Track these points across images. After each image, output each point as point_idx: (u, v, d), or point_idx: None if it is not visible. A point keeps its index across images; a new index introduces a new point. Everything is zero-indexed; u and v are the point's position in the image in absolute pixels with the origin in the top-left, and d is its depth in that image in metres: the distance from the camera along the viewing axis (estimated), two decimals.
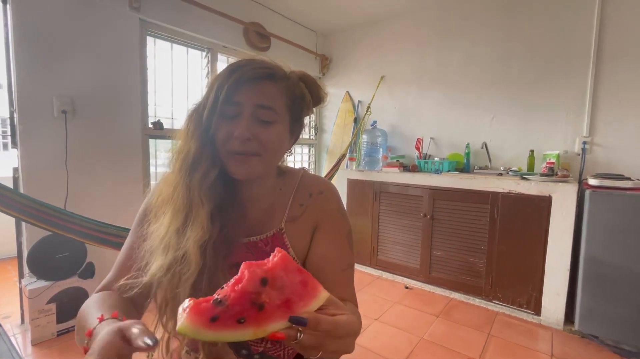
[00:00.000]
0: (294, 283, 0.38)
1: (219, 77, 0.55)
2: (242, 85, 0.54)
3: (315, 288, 0.39)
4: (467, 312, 2.09)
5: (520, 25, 2.38)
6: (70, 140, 1.76)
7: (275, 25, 2.88)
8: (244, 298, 0.36)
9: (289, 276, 0.38)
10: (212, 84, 0.56)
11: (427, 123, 2.84)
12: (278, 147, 0.59)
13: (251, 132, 0.54)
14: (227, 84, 0.53)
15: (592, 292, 1.74)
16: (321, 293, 0.39)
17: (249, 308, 0.35)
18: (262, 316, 0.35)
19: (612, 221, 1.68)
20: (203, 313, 0.33)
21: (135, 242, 0.61)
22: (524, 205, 1.97)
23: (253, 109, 0.54)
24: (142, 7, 2.00)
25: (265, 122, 0.55)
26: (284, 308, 0.37)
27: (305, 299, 0.38)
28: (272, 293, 0.37)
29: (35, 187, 1.67)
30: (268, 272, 0.37)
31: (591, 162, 2.15)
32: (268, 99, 0.55)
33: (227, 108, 0.54)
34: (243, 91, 0.54)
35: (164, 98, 2.34)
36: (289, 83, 0.60)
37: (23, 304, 1.75)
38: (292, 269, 0.39)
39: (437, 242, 2.33)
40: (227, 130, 0.54)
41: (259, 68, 0.56)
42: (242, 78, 0.54)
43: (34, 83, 1.66)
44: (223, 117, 0.55)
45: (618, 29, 2.05)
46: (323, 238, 0.65)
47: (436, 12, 2.75)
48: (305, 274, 0.40)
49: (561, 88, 2.24)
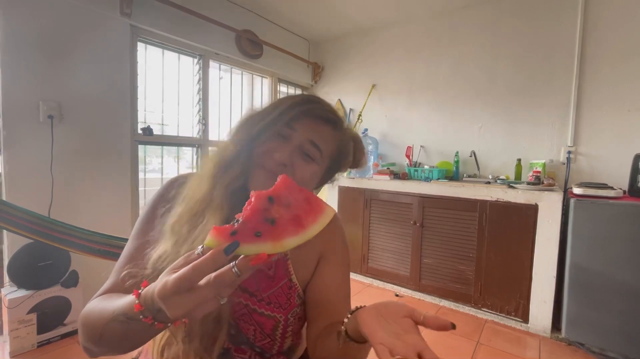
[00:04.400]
0: (299, 200, 0.42)
1: (290, 100, 0.58)
2: (308, 117, 0.57)
3: (319, 204, 0.43)
4: (456, 320, 2.09)
5: (505, 37, 2.44)
6: (56, 145, 1.73)
7: (267, 33, 2.90)
8: (256, 215, 0.39)
9: (293, 194, 0.42)
10: (280, 102, 0.58)
11: (417, 131, 2.88)
12: (305, 184, 0.59)
13: (290, 160, 0.56)
14: (296, 110, 0.56)
15: (578, 300, 1.77)
16: (327, 208, 0.43)
17: (263, 223, 0.39)
18: (276, 231, 0.39)
19: (596, 229, 1.72)
20: (224, 229, 0.37)
21: (139, 246, 0.58)
22: (512, 213, 2.00)
23: (304, 142, 0.57)
24: (134, 13, 2.00)
25: (308, 158, 0.58)
26: (295, 222, 0.41)
27: (312, 215, 0.42)
28: (281, 209, 0.41)
29: (19, 194, 1.63)
30: (273, 192, 0.42)
31: (576, 171, 2.20)
32: (321, 141, 0.58)
33: (283, 129, 0.56)
34: (305, 122, 0.57)
35: (154, 105, 2.32)
36: (342, 137, 0.63)
37: (2, 315, 1.70)
38: (294, 188, 0.43)
39: (427, 250, 2.34)
40: (270, 147, 0.56)
41: (329, 112, 0.59)
42: (312, 112, 0.57)
43: (20, 88, 1.63)
44: (275, 134, 0.57)
45: (599, 42, 2.12)
46: (329, 269, 0.66)
47: (425, 24, 2.81)
48: (306, 192, 0.43)
49: (546, 99, 2.30)
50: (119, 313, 0.43)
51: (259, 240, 0.38)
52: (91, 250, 1.56)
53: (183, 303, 0.35)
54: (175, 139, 2.42)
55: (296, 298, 0.64)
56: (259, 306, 0.61)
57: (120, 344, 0.46)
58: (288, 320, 0.63)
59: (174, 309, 0.35)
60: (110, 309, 0.45)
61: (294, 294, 0.64)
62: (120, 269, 0.57)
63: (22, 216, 1.45)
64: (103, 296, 0.53)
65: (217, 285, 0.34)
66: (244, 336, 0.61)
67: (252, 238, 0.38)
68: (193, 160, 2.60)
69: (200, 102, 2.54)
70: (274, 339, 0.62)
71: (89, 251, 1.56)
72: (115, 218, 2.01)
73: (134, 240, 0.60)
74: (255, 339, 0.61)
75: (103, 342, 0.46)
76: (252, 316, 0.60)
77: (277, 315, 0.61)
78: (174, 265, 0.38)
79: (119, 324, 0.43)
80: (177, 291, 0.34)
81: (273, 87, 3.19)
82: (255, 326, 0.61)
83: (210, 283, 0.34)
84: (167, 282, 0.35)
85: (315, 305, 0.65)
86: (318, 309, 0.64)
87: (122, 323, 0.43)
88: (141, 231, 0.60)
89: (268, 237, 0.38)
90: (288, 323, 0.63)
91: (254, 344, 0.62)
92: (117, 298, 0.48)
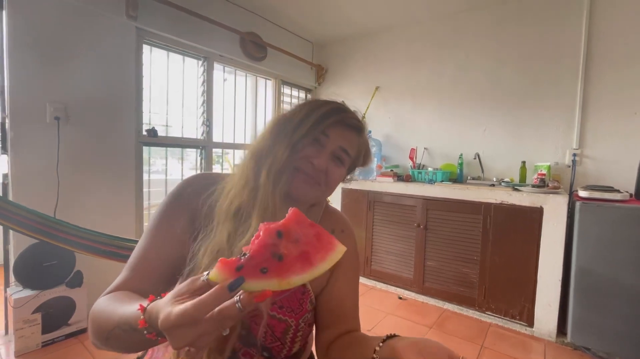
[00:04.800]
0: (309, 235, 0.41)
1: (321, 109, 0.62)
2: (340, 126, 0.63)
3: (330, 241, 0.42)
4: (460, 323, 2.08)
5: (510, 40, 2.43)
6: (62, 146, 1.75)
7: (271, 35, 2.91)
8: (264, 250, 0.38)
9: (303, 230, 0.41)
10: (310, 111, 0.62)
11: (421, 133, 2.87)
12: (334, 186, 0.66)
13: (327, 165, 0.61)
14: (330, 119, 0.61)
15: (583, 304, 1.75)
16: (338, 246, 0.42)
17: (270, 259, 0.38)
18: (282, 267, 0.38)
19: (602, 233, 1.70)
20: (230, 263, 0.36)
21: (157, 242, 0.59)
22: (516, 215, 1.99)
23: (336, 148, 0.63)
24: (140, 16, 2.02)
25: (339, 162, 0.64)
26: (303, 259, 0.39)
27: (322, 252, 0.41)
28: (289, 245, 0.40)
29: (25, 194, 1.65)
30: (282, 226, 0.41)
31: (581, 174, 2.19)
32: (350, 147, 0.65)
33: (321, 137, 0.61)
34: (337, 130, 0.63)
35: (159, 106, 2.34)
36: (362, 141, 0.69)
37: (7, 314, 1.71)
38: (305, 223, 0.42)
39: (430, 252, 2.33)
40: (309, 153, 0.61)
41: (356, 121, 0.66)
42: (342, 121, 0.63)
43: (27, 90, 1.65)
44: (312, 140, 0.61)
45: (605, 45, 2.11)
46: (342, 277, 0.69)
47: (429, 26, 2.81)
48: (317, 227, 0.42)
49: (551, 101, 2.29)
50: (124, 322, 0.44)
51: (265, 277, 0.37)
52: (95, 250, 1.57)
53: (185, 336, 0.35)
54: (180, 141, 2.44)
55: (308, 304, 0.66)
56: (271, 309, 0.61)
57: (126, 348, 0.48)
58: (299, 325, 0.64)
59: (177, 340, 0.36)
60: (117, 315, 0.46)
61: (306, 300, 0.65)
62: (133, 265, 0.58)
63: (28, 216, 1.47)
64: (114, 294, 0.53)
65: (220, 320, 0.35)
66: (253, 337, 0.61)
67: (258, 274, 0.37)
68: (197, 161, 2.62)
69: (204, 104, 2.56)
70: (283, 343, 0.63)
71: (94, 251, 1.57)
72: (120, 218, 2.02)
73: (149, 238, 0.60)
74: (265, 341, 0.62)
75: (110, 344, 0.48)
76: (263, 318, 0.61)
77: (288, 319, 0.63)
78: (178, 291, 0.37)
79: (123, 333, 0.44)
80: (180, 325, 0.35)
81: (277, 89, 3.20)
82: (266, 329, 0.61)
83: (214, 317, 0.34)
84: (171, 314, 0.35)
85: (328, 313, 0.67)
86: (330, 317, 0.67)
87: (126, 332, 0.44)
88: (157, 228, 0.61)
89: (274, 274, 0.37)
90: (299, 328, 0.64)
91: (263, 346, 0.62)
92: (127, 299, 0.49)
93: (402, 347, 0.48)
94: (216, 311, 0.34)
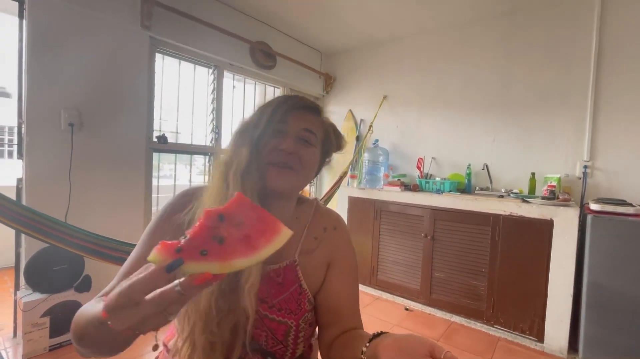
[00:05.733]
0: (251, 219, 0.41)
1: (272, 103, 0.64)
2: (294, 110, 0.64)
3: (274, 224, 0.41)
4: (468, 337, 2.05)
5: (520, 50, 2.43)
6: (75, 152, 1.78)
7: (280, 45, 2.95)
8: (204, 232, 0.38)
9: (245, 213, 0.41)
10: (264, 108, 0.64)
11: (429, 143, 2.87)
12: (311, 168, 0.66)
13: (295, 148, 0.61)
14: (283, 108, 0.63)
15: (596, 320, 1.71)
16: (283, 229, 0.41)
17: (210, 241, 0.38)
18: (224, 250, 0.38)
19: (615, 247, 1.67)
20: (170, 245, 0.36)
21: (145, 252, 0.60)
22: (526, 228, 1.96)
23: (299, 131, 0.63)
24: (153, 25, 2.07)
25: (307, 142, 0.64)
26: (245, 243, 0.39)
27: (266, 235, 0.40)
28: (231, 228, 0.39)
29: (37, 198, 1.68)
30: (224, 209, 0.40)
31: (593, 186, 2.15)
32: (312, 126, 0.65)
33: (280, 126, 0.62)
34: (294, 115, 0.64)
35: (169, 113, 2.38)
36: (324, 122, 0.70)
37: (17, 317, 1.73)
38: (248, 206, 0.41)
39: (437, 263, 2.30)
40: (274, 144, 0.61)
41: (308, 101, 0.67)
42: (295, 105, 0.64)
43: (43, 96, 1.69)
44: (273, 133, 0.62)
45: (616, 54, 2.09)
46: (338, 274, 0.70)
47: (437, 36, 2.82)
48: (260, 210, 0.42)
49: (561, 112, 2.27)
50: (93, 317, 0.44)
51: (205, 259, 0.36)
52: (104, 255, 1.58)
53: (126, 318, 0.35)
54: (189, 147, 2.47)
55: (307, 304, 0.66)
56: (270, 312, 0.62)
57: (100, 348, 0.47)
58: (299, 326, 0.64)
59: (117, 322, 0.35)
60: (91, 313, 0.46)
61: (304, 300, 0.65)
62: (124, 272, 0.59)
63: (40, 220, 1.49)
64: (97, 299, 0.54)
65: (161, 303, 0.34)
66: (256, 342, 0.61)
67: (198, 257, 0.36)
68: (205, 167, 2.64)
69: (214, 111, 2.59)
70: (286, 345, 0.63)
71: (103, 256, 1.59)
72: (129, 224, 2.05)
73: (142, 246, 0.61)
74: (268, 345, 0.62)
75: (85, 344, 0.47)
76: (263, 321, 0.62)
77: (288, 321, 0.63)
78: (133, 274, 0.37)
79: (94, 329, 0.44)
80: (120, 306, 0.34)
81: None
82: (267, 332, 0.62)
83: (154, 300, 0.34)
84: (111, 296, 0.35)
85: (327, 312, 0.68)
86: (330, 316, 0.67)
87: (96, 328, 0.43)
88: (151, 236, 0.62)
89: (215, 256, 0.37)
90: (299, 329, 0.64)
91: (266, 350, 0.62)
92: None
93: (383, 346, 0.46)
94: (157, 294, 0.34)
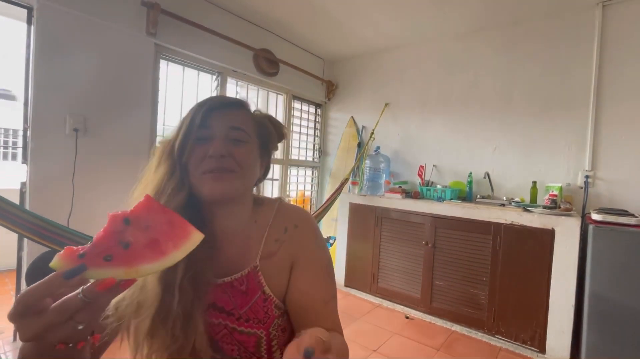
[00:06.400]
0: (160, 223, 0.39)
1: (192, 110, 0.59)
2: (215, 111, 0.59)
3: (184, 228, 0.40)
4: (468, 346, 2.03)
5: (521, 60, 2.45)
6: (79, 157, 1.80)
7: (284, 52, 2.98)
8: (108, 237, 0.37)
9: (153, 217, 0.39)
10: (184, 118, 0.59)
11: (430, 150, 2.87)
12: (251, 165, 0.61)
13: (226, 149, 0.57)
14: (202, 112, 0.57)
15: (598, 331, 1.69)
16: (193, 233, 0.39)
17: (115, 246, 0.36)
18: (130, 255, 0.36)
19: (617, 258, 1.66)
20: (73, 251, 0.35)
21: None
22: (527, 237, 1.95)
23: (226, 131, 0.59)
24: (158, 33, 2.10)
25: (238, 141, 0.60)
26: (152, 247, 0.37)
27: (175, 240, 0.38)
28: (137, 233, 0.38)
29: (41, 202, 1.69)
30: (130, 213, 0.39)
31: (594, 196, 2.15)
32: (239, 122, 0.61)
33: (203, 131, 0.57)
34: (216, 116, 0.59)
35: (173, 119, 2.40)
36: (254, 116, 0.66)
37: None
38: (156, 210, 0.40)
39: (438, 271, 2.29)
40: (202, 151, 0.57)
41: (227, 98, 0.64)
42: (214, 105, 0.59)
43: (49, 102, 1.71)
44: (198, 140, 0.57)
45: (618, 63, 2.10)
46: (302, 274, 0.65)
47: (439, 45, 2.84)
48: (170, 214, 0.40)
49: (562, 121, 2.28)
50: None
51: (109, 265, 0.35)
52: None
53: (29, 326, 0.33)
54: None
55: (274, 310, 0.62)
56: (238, 325, 0.60)
57: None
58: (270, 334, 0.61)
59: (22, 331, 0.33)
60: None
61: (270, 306, 0.62)
62: None
63: (42, 224, 1.50)
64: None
65: (64, 310, 0.32)
66: (228, 358, 0.60)
67: (101, 263, 0.35)
68: None
69: None
70: (260, 356, 0.61)
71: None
72: None
73: None
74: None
75: None
76: (232, 335, 0.60)
77: (257, 331, 0.60)
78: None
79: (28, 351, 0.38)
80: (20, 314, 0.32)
81: (287, 104, 3.25)
82: (238, 346, 0.60)
83: (57, 308, 0.32)
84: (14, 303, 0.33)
85: (296, 313, 0.63)
86: (299, 319, 0.63)
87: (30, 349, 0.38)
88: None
89: (120, 262, 0.35)
90: (271, 337, 0.62)
91: None
92: None
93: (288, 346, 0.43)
94: (60, 301, 0.32)
